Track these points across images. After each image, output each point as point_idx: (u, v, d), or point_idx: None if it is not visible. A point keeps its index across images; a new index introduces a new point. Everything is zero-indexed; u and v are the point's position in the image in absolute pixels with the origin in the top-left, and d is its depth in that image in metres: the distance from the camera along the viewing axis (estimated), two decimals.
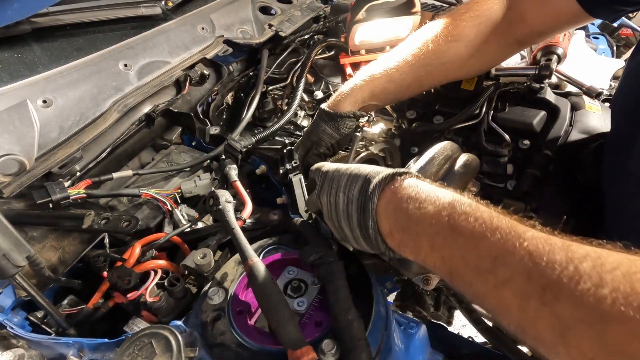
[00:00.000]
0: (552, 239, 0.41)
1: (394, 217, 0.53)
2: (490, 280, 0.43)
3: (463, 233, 0.46)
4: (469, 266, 0.45)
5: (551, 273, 0.38)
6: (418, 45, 0.81)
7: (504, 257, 0.42)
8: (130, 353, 0.51)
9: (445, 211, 0.48)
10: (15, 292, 0.67)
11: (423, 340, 0.66)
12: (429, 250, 0.50)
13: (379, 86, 0.80)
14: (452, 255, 0.47)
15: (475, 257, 0.45)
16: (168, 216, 0.79)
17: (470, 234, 0.45)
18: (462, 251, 0.46)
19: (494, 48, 0.85)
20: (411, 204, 0.51)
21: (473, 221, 0.46)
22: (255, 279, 0.56)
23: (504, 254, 0.42)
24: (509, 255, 0.42)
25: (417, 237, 0.51)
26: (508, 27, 0.82)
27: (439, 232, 0.48)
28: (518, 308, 0.41)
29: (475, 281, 0.45)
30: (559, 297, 0.37)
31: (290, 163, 0.89)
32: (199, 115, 1.04)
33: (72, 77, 0.93)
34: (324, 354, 0.51)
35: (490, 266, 0.43)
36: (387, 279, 0.69)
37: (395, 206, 0.53)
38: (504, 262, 0.42)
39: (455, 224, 0.47)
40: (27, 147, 0.81)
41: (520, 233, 0.42)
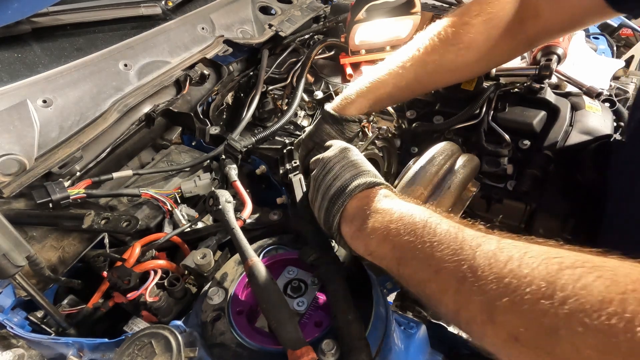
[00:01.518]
0: (487, 235, 0.44)
1: (355, 216, 0.56)
2: (432, 266, 0.46)
3: (411, 233, 0.49)
4: (416, 257, 0.48)
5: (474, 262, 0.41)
6: (425, 50, 0.80)
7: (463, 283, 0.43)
8: (130, 353, 0.51)
9: (400, 219, 0.51)
10: (15, 292, 0.67)
11: (423, 340, 0.66)
12: (381, 240, 0.52)
13: (385, 92, 0.79)
14: (401, 246, 0.50)
15: (421, 250, 0.48)
16: (168, 216, 0.79)
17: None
18: (410, 244, 0.49)
19: (502, 50, 0.83)
20: (372, 210, 0.55)
21: (421, 229, 0.49)
22: (255, 279, 0.56)
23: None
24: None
25: (371, 231, 0.54)
26: (520, 25, 0.80)
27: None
28: (455, 291, 0.44)
29: (419, 269, 0.48)
30: (484, 283, 0.40)
31: (290, 163, 0.89)
32: (199, 115, 1.04)
33: (72, 77, 0.93)
34: (324, 354, 0.51)
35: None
36: (387, 279, 0.69)
37: (359, 208, 0.56)
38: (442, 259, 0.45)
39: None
40: (27, 146, 0.81)
41: (460, 234, 0.45)
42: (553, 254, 0.38)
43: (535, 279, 0.36)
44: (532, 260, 0.38)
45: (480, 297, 0.40)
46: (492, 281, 0.39)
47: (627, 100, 1.18)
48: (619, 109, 1.12)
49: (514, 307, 0.37)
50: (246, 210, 0.75)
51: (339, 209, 0.58)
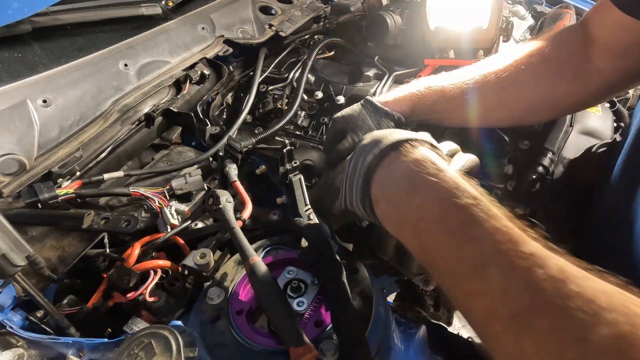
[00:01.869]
0: (548, 261, 0.36)
1: (384, 185, 0.50)
2: (464, 287, 0.40)
3: (451, 229, 0.42)
4: (446, 266, 0.42)
5: (522, 302, 0.35)
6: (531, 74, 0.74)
7: (485, 269, 0.39)
8: (130, 353, 0.51)
9: (440, 199, 0.44)
10: (15, 292, 0.67)
11: (423, 340, 0.66)
12: (410, 234, 0.47)
13: (427, 107, 0.76)
14: (432, 248, 0.44)
15: (455, 259, 0.41)
16: (160, 215, 0.79)
17: (455, 232, 0.42)
18: (443, 248, 0.43)
19: (571, 96, 0.76)
20: (404, 176, 0.48)
21: (463, 218, 0.42)
22: (255, 278, 0.56)
23: (487, 266, 0.39)
24: (493, 268, 0.38)
25: (402, 216, 0.48)
26: (587, 58, 0.73)
27: (423, 218, 0.45)
28: (483, 324, 0.39)
29: (448, 282, 0.42)
30: (527, 331, 0.34)
31: (290, 163, 0.89)
32: (199, 115, 1.04)
33: (72, 76, 0.93)
34: (324, 354, 0.51)
35: (468, 273, 0.40)
36: (387, 279, 0.69)
37: (387, 174, 0.50)
38: (483, 275, 0.38)
39: (445, 217, 0.43)
40: (27, 146, 0.81)
41: (515, 245, 0.38)
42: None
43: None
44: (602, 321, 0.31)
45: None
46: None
47: (627, 101, 1.18)
48: (619, 109, 1.13)
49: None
50: (246, 210, 0.75)
51: (372, 165, 0.51)
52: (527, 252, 0.37)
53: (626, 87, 0.81)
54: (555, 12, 1.28)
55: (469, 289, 0.40)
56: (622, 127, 1.10)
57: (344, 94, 1.10)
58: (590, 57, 0.73)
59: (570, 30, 0.77)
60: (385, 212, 0.51)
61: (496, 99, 0.77)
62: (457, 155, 0.72)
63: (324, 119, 1.07)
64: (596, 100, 0.86)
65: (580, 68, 0.73)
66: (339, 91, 1.11)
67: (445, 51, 1.12)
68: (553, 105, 0.78)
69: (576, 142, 0.91)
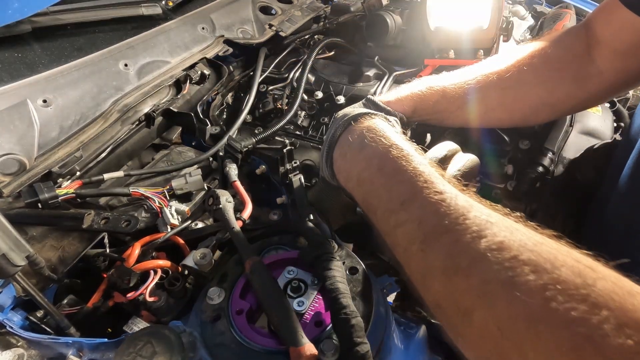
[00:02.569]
0: (458, 196, 0.46)
1: (342, 145, 0.62)
2: (391, 221, 0.49)
3: (385, 174, 0.53)
4: (380, 204, 0.52)
5: (433, 226, 0.44)
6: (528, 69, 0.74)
7: (407, 204, 0.48)
8: (130, 353, 0.51)
9: (380, 152, 0.55)
10: (15, 292, 0.67)
11: (423, 340, 0.66)
12: (355, 183, 0.58)
13: (428, 107, 0.77)
14: (371, 193, 0.54)
15: (386, 198, 0.51)
16: (160, 215, 0.79)
17: (390, 176, 0.52)
18: (378, 191, 0.53)
19: (572, 98, 0.77)
20: (357, 138, 0.59)
21: (396, 166, 0.52)
22: (255, 277, 0.57)
23: (409, 201, 0.48)
24: (414, 202, 0.48)
25: (350, 167, 0.59)
26: (589, 59, 0.73)
27: (366, 168, 0.56)
28: (404, 249, 0.47)
29: (381, 220, 0.52)
30: (433, 247, 0.43)
31: (290, 163, 0.89)
32: (199, 115, 1.04)
33: (73, 76, 0.93)
34: (324, 354, 0.51)
35: (395, 208, 0.49)
36: (387, 279, 0.69)
37: (346, 138, 0.62)
38: (406, 208, 0.48)
39: (382, 165, 0.54)
40: (27, 146, 0.81)
41: (431, 185, 0.47)
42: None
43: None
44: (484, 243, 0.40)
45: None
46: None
47: (627, 101, 1.18)
48: (619, 109, 1.13)
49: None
50: (246, 210, 0.75)
51: (335, 137, 0.62)
52: (439, 189, 0.47)
53: (627, 88, 0.81)
54: (555, 12, 1.28)
55: (395, 221, 0.49)
56: (622, 127, 1.10)
57: (344, 94, 1.10)
58: (593, 58, 0.72)
59: (573, 31, 0.77)
60: (339, 166, 0.63)
61: (497, 99, 0.77)
62: (457, 155, 0.72)
63: (324, 119, 1.07)
64: (597, 101, 0.86)
65: (582, 69, 0.73)
66: (339, 91, 1.11)
67: (445, 51, 1.12)
68: (554, 106, 0.78)
69: (576, 142, 0.91)
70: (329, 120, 1.06)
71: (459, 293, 0.40)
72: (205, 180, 0.86)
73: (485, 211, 0.43)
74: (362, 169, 0.57)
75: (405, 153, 0.53)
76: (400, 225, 0.48)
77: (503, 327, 0.35)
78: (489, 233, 0.40)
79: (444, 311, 0.42)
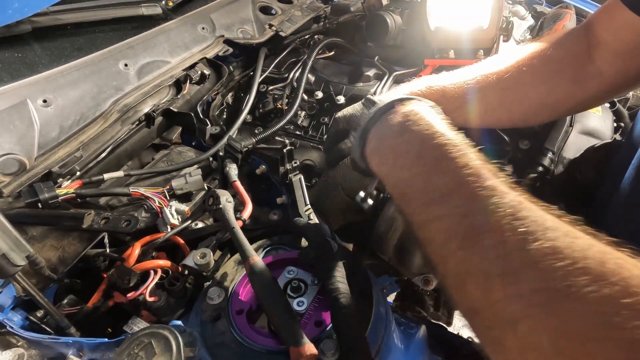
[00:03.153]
0: (507, 192, 0.42)
1: (381, 127, 0.57)
2: (430, 212, 0.45)
3: (426, 162, 0.48)
4: (416, 194, 0.48)
5: (477, 223, 0.40)
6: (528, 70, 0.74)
7: (449, 197, 0.44)
8: (130, 353, 0.51)
9: (423, 138, 0.51)
10: (15, 292, 0.67)
11: (423, 340, 0.66)
12: (390, 168, 0.53)
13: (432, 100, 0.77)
14: (407, 180, 0.50)
15: (424, 188, 0.47)
16: (160, 215, 0.79)
17: (432, 164, 0.48)
18: (415, 180, 0.49)
19: (572, 98, 0.77)
20: (399, 121, 0.55)
21: (438, 154, 0.48)
22: (256, 277, 0.57)
23: (451, 194, 0.44)
24: (456, 195, 0.44)
25: (386, 150, 0.55)
26: (589, 60, 0.73)
27: (405, 153, 0.52)
28: (440, 244, 0.43)
29: (415, 211, 0.48)
30: (475, 246, 0.39)
31: (290, 163, 0.89)
32: (199, 115, 1.04)
33: (73, 76, 0.93)
34: (324, 354, 0.51)
35: (434, 200, 0.45)
36: (387, 279, 0.69)
37: (386, 119, 0.57)
38: (447, 201, 0.44)
39: (424, 152, 0.49)
40: (27, 146, 0.81)
41: (479, 178, 0.43)
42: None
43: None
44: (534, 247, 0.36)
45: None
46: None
47: (627, 101, 1.18)
48: (619, 109, 1.13)
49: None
50: (246, 210, 0.75)
51: (365, 133, 0.58)
52: (488, 185, 0.42)
53: (626, 90, 0.81)
54: (555, 12, 1.28)
55: (433, 214, 0.45)
56: (622, 127, 1.10)
57: (344, 94, 1.10)
58: (593, 59, 0.72)
59: (573, 32, 0.77)
60: (373, 148, 0.58)
61: (497, 99, 0.77)
62: None
63: (324, 119, 1.07)
64: (596, 102, 0.85)
65: (582, 70, 0.73)
66: (339, 91, 1.11)
67: (445, 51, 1.12)
68: (553, 106, 0.78)
69: (576, 142, 0.91)
70: (329, 120, 1.06)
71: (503, 300, 0.36)
72: (205, 180, 0.86)
73: (538, 212, 0.39)
74: (399, 154, 0.53)
75: (451, 142, 0.48)
76: (438, 219, 0.44)
77: (554, 341, 0.32)
78: (542, 236, 0.36)
79: (481, 317, 0.38)
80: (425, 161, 0.49)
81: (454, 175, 0.45)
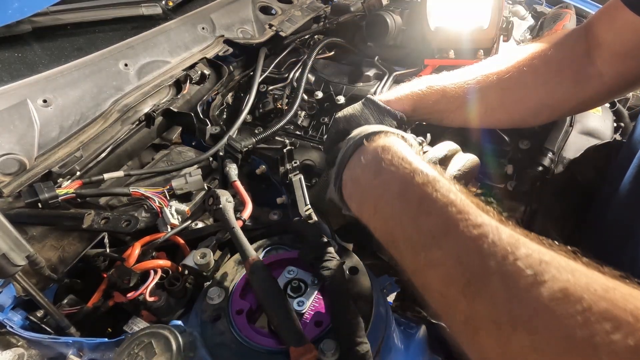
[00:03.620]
0: (500, 229, 0.39)
1: (353, 167, 0.55)
2: (422, 258, 0.42)
3: (409, 203, 0.46)
4: (405, 237, 0.45)
5: (477, 267, 0.37)
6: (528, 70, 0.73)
7: (440, 239, 0.41)
8: (130, 352, 0.51)
9: (401, 178, 0.48)
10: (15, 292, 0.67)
11: (423, 340, 0.66)
12: (371, 212, 0.51)
13: (428, 107, 0.76)
14: (392, 225, 0.47)
15: (413, 232, 0.44)
16: (160, 215, 0.79)
17: (416, 205, 0.45)
18: (401, 223, 0.46)
19: (572, 99, 0.77)
20: (372, 160, 0.53)
21: (421, 193, 0.45)
22: (256, 277, 0.57)
23: (442, 236, 0.41)
24: (448, 237, 0.41)
25: (364, 194, 0.52)
26: (590, 61, 0.73)
27: (384, 195, 0.49)
28: (440, 293, 0.41)
29: (407, 256, 0.45)
30: (480, 293, 0.37)
31: (290, 163, 0.89)
32: (199, 115, 1.04)
33: (73, 76, 0.93)
34: (324, 354, 0.51)
35: (425, 244, 0.42)
36: (387, 279, 0.69)
37: (358, 159, 0.55)
38: (439, 244, 0.41)
39: (405, 192, 0.47)
40: (27, 146, 0.81)
41: (468, 216, 0.40)
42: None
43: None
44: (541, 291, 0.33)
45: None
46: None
47: (627, 101, 1.18)
48: (619, 109, 1.13)
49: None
50: (246, 210, 0.75)
51: (345, 156, 0.56)
52: (478, 222, 0.40)
53: (627, 90, 0.81)
54: (555, 12, 1.28)
55: (426, 260, 0.42)
56: (622, 127, 1.10)
57: (344, 94, 1.10)
58: (594, 60, 0.72)
59: (573, 32, 0.77)
60: (351, 191, 0.55)
61: (497, 99, 0.77)
62: (457, 155, 0.72)
63: (324, 119, 1.07)
64: (596, 103, 0.86)
65: (582, 71, 0.73)
66: (339, 91, 1.11)
67: (446, 51, 1.12)
68: (554, 107, 0.78)
69: (576, 142, 0.91)
70: (329, 120, 1.06)
71: (519, 350, 0.33)
72: (205, 180, 0.86)
73: (534, 247, 0.37)
74: (378, 197, 0.50)
75: (431, 179, 0.46)
76: (434, 265, 0.41)
77: None
78: (548, 277, 0.33)
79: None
80: (409, 203, 0.46)
81: (441, 215, 0.42)
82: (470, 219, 0.40)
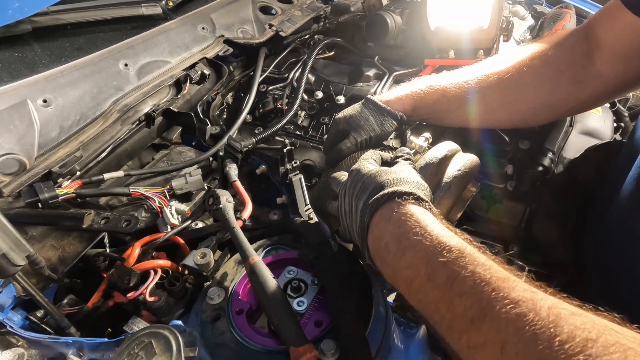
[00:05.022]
0: (537, 304, 0.38)
1: (376, 246, 0.53)
2: (463, 341, 0.42)
3: (439, 286, 0.44)
4: (444, 322, 0.44)
5: (522, 347, 0.36)
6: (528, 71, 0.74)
7: (479, 322, 0.40)
8: (130, 352, 0.51)
9: (426, 258, 0.47)
10: (15, 292, 0.67)
11: (423, 340, 0.66)
12: (406, 291, 0.49)
13: (428, 106, 0.76)
14: (428, 304, 0.46)
15: (449, 315, 0.43)
16: (160, 215, 0.79)
17: (446, 288, 0.43)
18: (436, 306, 0.44)
19: (572, 100, 0.77)
20: (392, 236, 0.51)
21: (449, 274, 0.44)
22: (256, 277, 0.57)
23: (480, 319, 0.40)
24: (485, 321, 0.40)
25: (395, 275, 0.51)
26: (590, 61, 0.73)
27: (414, 278, 0.47)
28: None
29: (449, 336, 0.44)
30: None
31: (290, 163, 0.89)
32: (199, 115, 1.04)
33: (73, 76, 0.93)
34: (324, 354, 0.51)
35: (464, 328, 0.41)
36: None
37: (379, 236, 0.53)
38: (479, 329, 0.40)
39: (433, 275, 0.45)
40: (28, 146, 0.81)
41: (503, 293, 0.39)
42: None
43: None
44: None
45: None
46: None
47: (627, 101, 1.18)
48: (619, 109, 1.13)
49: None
50: (246, 210, 0.75)
51: (364, 223, 0.54)
52: (515, 299, 0.38)
53: (627, 91, 0.81)
54: (555, 12, 1.28)
55: (469, 343, 0.41)
56: (622, 127, 1.10)
57: (344, 94, 1.10)
58: (594, 60, 0.72)
59: (574, 33, 0.77)
60: (381, 268, 0.55)
61: (497, 99, 0.77)
62: (457, 155, 0.72)
63: (324, 119, 1.07)
64: (595, 103, 0.86)
65: (582, 72, 0.73)
66: (339, 91, 1.11)
67: (446, 51, 1.12)
68: (553, 107, 0.78)
69: (576, 142, 0.91)
70: (329, 120, 1.06)
71: None
72: (205, 180, 0.86)
73: (577, 322, 0.36)
74: (409, 279, 0.48)
75: (456, 255, 0.44)
76: (477, 348, 0.40)
77: None
78: (595, 351, 0.33)
79: None
80: (439, 284, 0.44)
81: (474, 296, 0.41)
82: (504, 296, 0.39)
